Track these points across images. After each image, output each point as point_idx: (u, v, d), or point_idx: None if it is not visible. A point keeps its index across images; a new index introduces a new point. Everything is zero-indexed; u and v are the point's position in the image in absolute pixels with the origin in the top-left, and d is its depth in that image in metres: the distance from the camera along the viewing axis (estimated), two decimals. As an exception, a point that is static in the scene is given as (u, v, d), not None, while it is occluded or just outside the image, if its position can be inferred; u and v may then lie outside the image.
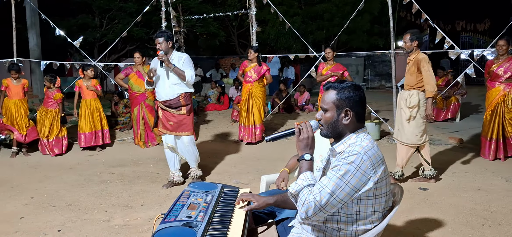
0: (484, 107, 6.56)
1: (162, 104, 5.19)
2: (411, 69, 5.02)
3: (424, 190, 4.99)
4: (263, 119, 8.05)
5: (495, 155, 6.26)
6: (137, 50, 7.98)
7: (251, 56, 7.77)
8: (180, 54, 5.17)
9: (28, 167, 6.57)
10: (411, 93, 5.02)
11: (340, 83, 2.11)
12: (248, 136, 7.90)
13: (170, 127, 5.20)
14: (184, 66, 5.03)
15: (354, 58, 20.55)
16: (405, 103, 5.03)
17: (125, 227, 4.06)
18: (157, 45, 5.02)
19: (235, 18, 18.44)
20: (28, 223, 4.20)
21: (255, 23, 8.51)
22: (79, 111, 7.72)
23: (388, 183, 2.07)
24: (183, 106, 5.16)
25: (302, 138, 2.15)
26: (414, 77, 5.00)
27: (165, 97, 5.12)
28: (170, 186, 5.37)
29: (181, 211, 2.26)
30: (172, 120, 5.17)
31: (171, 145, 5.26)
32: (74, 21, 14.48)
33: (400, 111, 5.14)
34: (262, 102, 7.97)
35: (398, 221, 4.01)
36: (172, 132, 5.22)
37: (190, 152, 5.35)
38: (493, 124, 6.25)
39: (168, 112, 5.16)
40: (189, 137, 5.28)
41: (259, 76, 7.77)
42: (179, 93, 5.11)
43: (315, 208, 1.93)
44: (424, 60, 4.89)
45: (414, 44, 4.97)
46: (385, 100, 12.62)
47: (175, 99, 5.11)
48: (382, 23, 17.62)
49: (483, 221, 4.01)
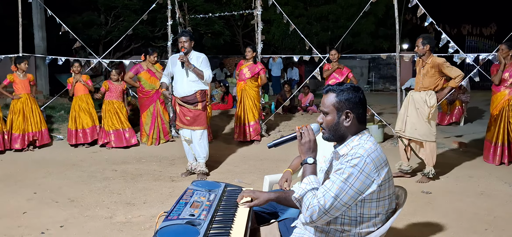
0: (489, 111, 6.54)
1: (179, 100, 5.52)
2: (430, 72, 5.25)
3: (427, 193, 4.98)
4: (257, 118, 7.92)
5: (500, 160, 6.23)
6: (155, 51, 8.00)
7: (248, 55, 7.70)
8: (198, 54, 5.50)
9: (32, 163, 6.59)
10: (429, 93, 5.25)
11: (339, 86, 2.11)
12: (239, 135, 7.82)
13: (186, 121, 5.54)
14: (202, 65, 5.39)
15: (358, 60, 20.49)
16: (425, 103, 5.23)
17: (127, 224, 4.07)
18: (180, 44, 5.34)
19: (241, 17, 18.44)
20: (30, 218, 4.22)
21: (260, 23, 8.49)
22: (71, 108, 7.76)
23: (392, 185, 2.07)
24: (199, 102, 5.50)
25: (304, 141, 2.15)
26: (433, 79, 5.26)
27: (182, 93, 5.45)
28: (188, 174, 5.77)
29: (184, 209, 2.26)
30: (189, 115, 5.51)
31: (188, 138, 5.62)
32: (80, 18, 14.49)
33: (416, 111, 5.30)
34: (255, 101, 7.86)
35: (401, 224, 4.00)
36: (188, 127, 5.56)
37: (201, 146, 5.65)
38: (498, 128, 6.22)
39: (185, 108, 5.50)
40: (202, 131, 5.61)
41: (252, 75, 7.70)
42: (196, 90, 5.45)
43: (320, 212, 1.93)
44: (445, 62, 5.21)
45: (426, 48, 5.25)
46: (389, 103, 12.58)
47: (192, 95, 5.45)
48: (387, 25, 17.58)
49: (486, 226, 4.00)
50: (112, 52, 13.72)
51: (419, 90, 5.36)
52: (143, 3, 13.38)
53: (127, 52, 16.24)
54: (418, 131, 5.32)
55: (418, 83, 5.41)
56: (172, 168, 6.28)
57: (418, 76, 5.42)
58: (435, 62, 5.22)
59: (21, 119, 7.30)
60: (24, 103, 7.36)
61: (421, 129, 5.29)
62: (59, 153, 7.28)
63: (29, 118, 7.38)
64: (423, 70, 5.32)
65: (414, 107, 5.34)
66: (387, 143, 7.88)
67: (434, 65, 5.22)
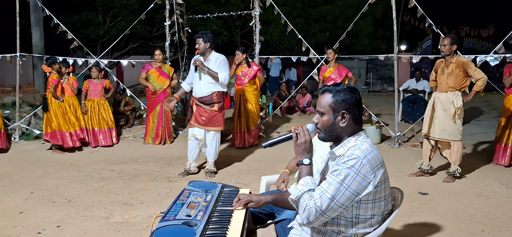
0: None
1: (197, 100, 5.66)
2: (455, 72, 5.31)
3: (424, 194, 4.98)
4: (257, 123, 7.79)
5: (509, 161, 6.24)
6: (157, 48, 7.99)
7: (238, 59, 7.46)
8: (217, 55, 5.59)
9: (29, 162, 6.58)
10: (456, 94, 5.33)
11: (335, 86, 2.10)
12: (239, 141, 7.61)
13: (202, 121, 5.64)
14: (219, 67, 5.48)
15: (356, 61, 20.52)
16: (452, 104, 5.30)
17: (124, 224, 4.06)
18: (196, 45, 5.50)
19: (239, 18, 18.43)
20: (27, 218, 4.20)
21: (258, 23, 8.48)
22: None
23: (388, 186, 2.07)
24: (215, 103, 5.63)
25: (300, 142, 2.15)
26: (458, 79, 5.32)
27: (200, 94, 5.59)
28: (185, 174, 5.83)
29: (180, 209, 2.26)
30: (204, 115, 5.62)
31: (201, 137, 5.69)
32: (78, 18, 14.48)
33: (444, 112, 5.36)
34: (255, 105, 7.68)
35: (397, 225, 4.01)
36: (203, 127, 5.66)
37: (212, 146, 5.79)
38: (509, 130, 6.24)
39: (202, 108, 5.62)
40: (215, 132, 5.75)
41: (250, 78, 7.52)
42: (213, 91, 5.57)
43: (316, 213, 1.93)
44: (470, 62, 5.28)
45: (453, 48, 5.30)
46: (386, 104, 12.59)
47: (209, 96, 5.57)
48: (385, 26, 17.60)
49: (482, 227, 4.00)
50: (110, 52, 13.69)
51: (445, 90, 5.40)
52: (142, 3, 13.39)
53: (125, 52, 16.23)
54: (447, 132, 5.38)
55: (442, 84, 5.44)
56: (170, 168, 6.28)
57: (442, 77, 5.45)
58: (460, 61, 5.29)
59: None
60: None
61: (449, 129, 5.36)
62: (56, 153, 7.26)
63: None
64: (448, 70, 5.36)
65: (441, 108, 5.40)
66: (384, 144, 7.89)
67: (459, 64, 5.28)
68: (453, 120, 5.31)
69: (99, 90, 7.82)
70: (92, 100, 7.77)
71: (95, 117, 7.71)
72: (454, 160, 5.45)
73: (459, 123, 5.35)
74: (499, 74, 18.25)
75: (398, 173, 5.92)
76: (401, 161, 6.63)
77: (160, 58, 7.81)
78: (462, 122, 5.41)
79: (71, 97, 7.47)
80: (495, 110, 11.18)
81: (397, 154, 7.21)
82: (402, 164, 6.45)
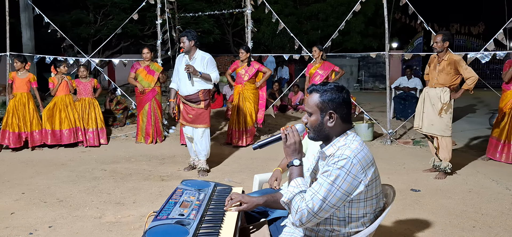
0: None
1: (183, 98, 5.69)
2: (446, 69, 5.34)
3: (416, 191, 5.02)
4: (254, 122, 7.78)
5: (509, 157, 6.26)
6: (145, 46, 7.95)
7: (242, 57, 7.54)
8: (203, 53, 5.65)
9: (20, 163, 6.52)
10: (444, 90, 5.36)
11: (323, 86, 2.09)
12: (239, 140, 7.61)
13: (189, 119, 5.70)
14: (208, 67, 5.56)
15: (348, 59, 20.58)
16: (439, 99, 5.35)
17: (117, 224, 4.04)
18: (181, 44, 5.50)
19: (230, 16, 18.39)
20: (18, 218, 4.17)
21: (250, 21, 8.47)
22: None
23: (379, 184, 2.08)
24: (202, 101, 5.65)
25: (289, 143, 2.14)
26: (449, 77, 5.36)
27: (186, 92, 5.61)
28: (190, 169, 5.99)
29: (173, 209, 2.25)
30: (191, 113, 5.66)
31: (190, 135, 5.79)
32: (68, 17, 14.36)
33: (432, 107, 5.42)
34: (254, 104, 7.67)
35: (389, 222, 4.03)
36: (190, 124, 5.72)
37: (202, 143, 5.77)
38: (506, 125, 6.27)
39: (188, 106, 5.66)
40: (203, 129, 5.74)
41: (250, 77, 7.54)
42: (199, 89, 5.60)
43: (309, 215, 1.93)
44: (462, 60, 5.30)
45: (446, 45, 5.34)
46: (378, 102, 12.66)
47: (195, 94, 5.59)
48: (376, 24, 17.66)
49: (474, 223, 4.04)
50: (101, 50, 13.61)
51: (434, 86, 5.46)
52: (133, 1, 13.29)
53: (117, 50, 16.13)
54: (435, 127, 5.44)
55: (433, 79, 5.50)
56: (162, 167, 6.26)
57: (433, 72, 5.50)
58: (452, 59, 5.31)
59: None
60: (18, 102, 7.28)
61: (437, 124, 5.41)
62: (47, 152, 7.22)
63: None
64: (439, 66, 5.40)
65: (429, 103, 5.46)
66: (376, 141, 7.93)
67: (451, 62, 5.31)
68: (439, 115, 5.37)
69: (88, 89, 7.77)
70: (82, 100, 7.72)
71: (86, 117, 7.67)
72: (444, 156, 5.50)
73: (448, 119, 5.40)
74: (489, 71, 18.47)
75: (390, 170, 5.96)
76: (393, 158, 6.68)
77: (148, 56, 7.77)
78: (452, 118, 5.45)
79: (67, 96, 7.58)
80: (486, 107, 11.28)
81: (389, 151, 7.26)
82: (393, 161, 6.49)
